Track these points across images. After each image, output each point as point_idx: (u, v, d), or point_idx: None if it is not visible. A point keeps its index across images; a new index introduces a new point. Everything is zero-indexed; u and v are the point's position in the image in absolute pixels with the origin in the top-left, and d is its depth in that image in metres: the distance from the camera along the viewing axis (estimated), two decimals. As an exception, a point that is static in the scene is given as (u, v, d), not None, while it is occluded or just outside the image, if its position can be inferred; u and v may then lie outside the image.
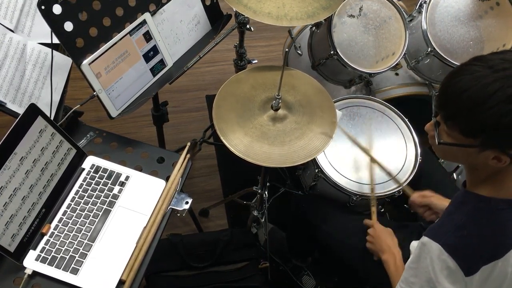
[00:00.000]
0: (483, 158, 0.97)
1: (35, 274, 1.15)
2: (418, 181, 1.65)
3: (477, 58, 0.94)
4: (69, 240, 1.20)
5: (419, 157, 1.66)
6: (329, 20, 1.78)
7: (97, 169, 1.33)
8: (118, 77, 1.37)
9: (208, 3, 1.62)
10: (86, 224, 1.23)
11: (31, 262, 1.16)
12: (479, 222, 1.02)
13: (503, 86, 0.88)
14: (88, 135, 1.41)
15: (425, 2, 1.86)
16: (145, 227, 1.23)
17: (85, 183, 1.30)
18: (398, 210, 1.97)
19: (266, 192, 1.79)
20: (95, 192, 1.29)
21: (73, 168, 1.31)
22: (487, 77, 0.89)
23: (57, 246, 1.19)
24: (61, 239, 1.20)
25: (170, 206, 1.28)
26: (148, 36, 1.43)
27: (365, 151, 1.63)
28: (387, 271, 1.34)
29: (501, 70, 0.89)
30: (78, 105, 1.38)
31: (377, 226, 1.47)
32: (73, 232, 1.21)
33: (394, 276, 1.31)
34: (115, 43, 1.33)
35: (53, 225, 1.22)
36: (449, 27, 1.85)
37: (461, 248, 1.01)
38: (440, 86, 0.99)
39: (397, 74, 2.12)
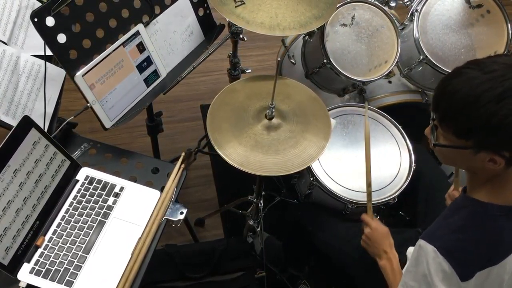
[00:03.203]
0: (479, 160, 0.97)
1: (29, 287, 1.14)
2: (416, 183, 1.66)
3: (471, 61, 0.97)
4: (64, 252, 1.19)
5: (413, 164, 1.67)
6: (321, 29, 1.79)
7: (91, 180, 1.32)
8: (111, 88, 1.37)
9: (201, 13, 1.63)
10: (81, 236, 1.22)
11: (25, 275, 1.15)
12: (474, 226, 1.03)
13: (492, 87, 0.90)
14: (82, 147, 1.41)
15: (416, 11, 1.87)
16: (140, 238, 1.23)
17: (79, 195, 1.29)
18: (393, 217, 1.97)
19: (262, 201, 1.79)
20: (89, 203, 1.28)
21: (67, 180, 1.30)
22: (478, 78, 0.92)
23: (51, 259, 1.18)
24: (55, 251, 1.19)
25: (165, 217, 1.28)
26: (141, 47, 1.43)
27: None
28: (384, 277, 1.33)
29: (490, 71, 0.92)
30: (72, 117, 1.38)
31: (374, 226, 1.39)
32: (68, 244, 1.20)
33: (392, 282, 1.30)
34: (109, 54, 1.34)
35: (47, 237, 1.21)
36: (440, 35, 1.87)
37: (456, 252, 1.01)
38: (435, 89, 1.01)
39: (390, 82, 2.14)
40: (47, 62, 1.37)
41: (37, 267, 1.16)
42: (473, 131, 0.94)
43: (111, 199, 1.30)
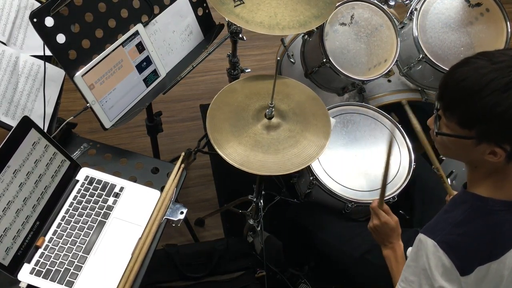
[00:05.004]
0: (480, 153, 0.98)
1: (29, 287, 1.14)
2: (412, 186, 1.66)
3: (481, 52, 0.97)
4: (64, 252, 1.19)
5: (413, 163, 1.67)
6: (321, 28, 1.79)
7: (91, 180, 1.32)
8: (111, 88, 1.37)
9: (200, 13, 1.63)
10: (81, 236, 1.22)
11: (25, 276, 1.15)
12: (475, 221, 1.03)
13: (498, 76, 0.90)
14: (82, 147, 1.41)
15: (416, 9, 1.87)
16: (140, 238, 1.23)
17: (79, 195, 1.29)
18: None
19: (262, 201, 1.79)
20: (89, 204, 1.28)
21: (67, 180, 1.30)
22: (485, 68, 0.92)
23: (51, 259, 1.18)
24: (55, 251, 1.19)
25: (165, 217, 1.28)
26: (141, 47, 1.43)
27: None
28: (388, 266, 1.32)
29: (498, 62, 0.92)
30: (72, 117, 1.38)
31: (384, 221, 1.34)
32: (68, 245, 1.20)
33: (395, 271, 1.30)
34: (108, 54, 1.34)
35: (47, 237, 1.21)
36: (440, 34, 1.87)
37: (456, 246, 1.01)
38: (442, 77, 1.01)
39: (389, 80, 2.14)
40: (46, 63, 1.36)
41: (37, 268, 1.16)
42: (477, 120, 0.94)
43: (111, 199, 1.30)
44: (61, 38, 1.24)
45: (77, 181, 1.32)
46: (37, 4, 1.42)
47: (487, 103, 0.90)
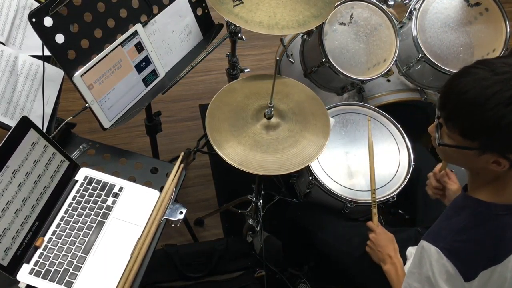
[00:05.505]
0: (483, 162, 0.97)
1: (28, 288, 1.14)
2: (415, 186, 1.66)
3: (480, 61, 0.96)
4: (63, 253, 1.19)
5: (412, 163, 1.67)
6: (320, 28, 1.79)
7: (90, 180, 1.32)
8: (110, 88, 1.37)
9: (199, 13, 1.63)
10: (80, 237, 1.22)
11: (24, 276, 1.15)
12: (477, 226, 1.03)
13: (502, 89, 0.89)
14: (81, 147, 1.41)
15: (415, 9, 1.87)
16: (139, 238, 1.23)
17: (78, 195, 1.29)
18: (393, 215, 1.97)
19: (261, 201, 1.79)
20: (88, 204, 1.28)
21: (66, 180, 1.30)
22: (487, 80, 0.91)
23: (50, 259, 1.18)
24: (54, 252, 1.19)
25: (164, 217, 1.28)
26: (140, 47, 1.43)
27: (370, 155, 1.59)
28: (389, 281, 1.34)
29: (501, 73, 0.90)
30: (71, 117, 1.38)
31: (379, 231, 1.44)
32: (67, 245, 1.20)
33: (396, 286, 1.30)
34: (107, 54, 1.34)
35: (46, 238, 1.21)
36: (439, 33, 1.87)
37: (460, 252, 1.01)
38: (443, 87, 1.00)
39: (389, 80, 2.13)
40: (45, 63, 1.36)
41: (36, 268, 1.16)
42: (480, 132, 0.93)
43: (110, 199, 1.29)
44: (60, 38, 1.23)
45: (76, 181, 1.32)
46: (36, 4, 1.42)
47: (491, 116, 0.89)
